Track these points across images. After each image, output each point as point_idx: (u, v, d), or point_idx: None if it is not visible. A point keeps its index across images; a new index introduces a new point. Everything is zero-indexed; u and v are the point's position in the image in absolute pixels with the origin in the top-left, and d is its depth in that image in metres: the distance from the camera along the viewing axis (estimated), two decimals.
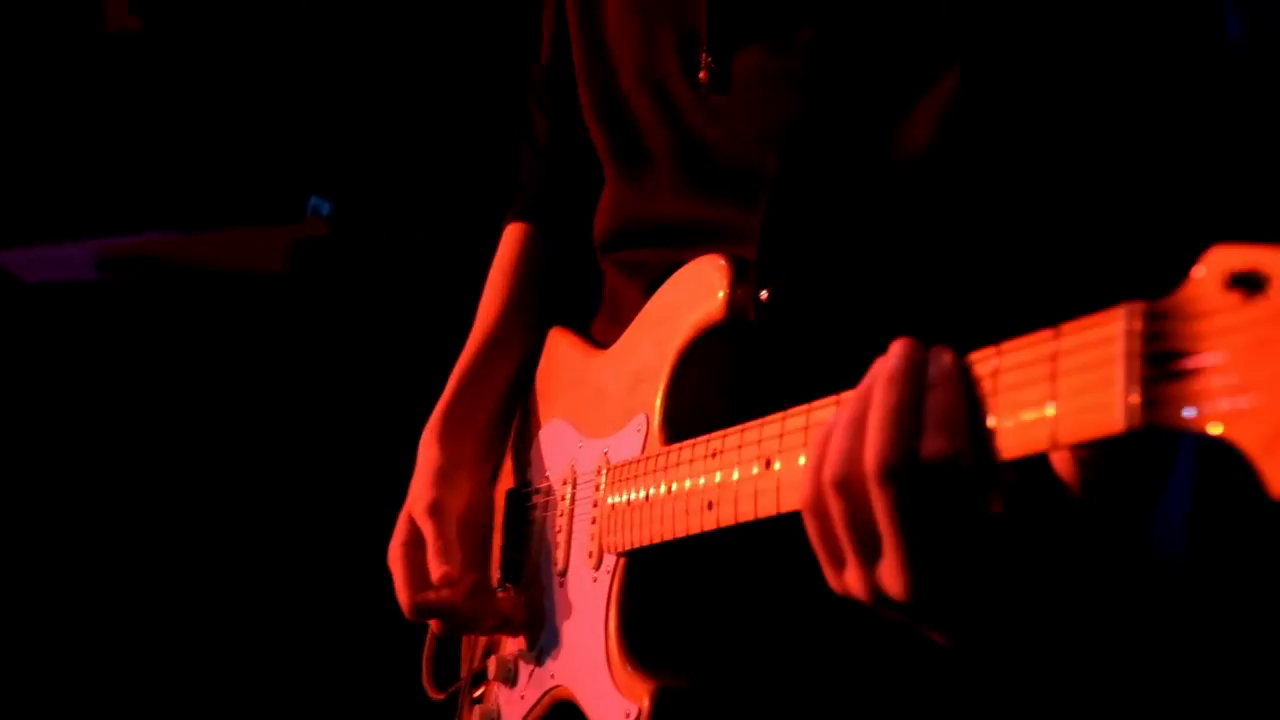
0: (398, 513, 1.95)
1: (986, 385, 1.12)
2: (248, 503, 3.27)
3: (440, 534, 1.88)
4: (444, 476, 1.94)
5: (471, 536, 1.95)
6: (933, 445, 1.11)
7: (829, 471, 1.17)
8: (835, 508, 1.17)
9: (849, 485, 1.15)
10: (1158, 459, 1.35)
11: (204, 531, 3.28)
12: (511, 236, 2.10)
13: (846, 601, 1.23)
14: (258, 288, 3.19)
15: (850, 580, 1.19)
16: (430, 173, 3.20)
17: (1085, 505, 1.28)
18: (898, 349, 1.16)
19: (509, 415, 2.02)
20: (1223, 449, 0.94)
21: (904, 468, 1.12)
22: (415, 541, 1.91)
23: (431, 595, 1.87)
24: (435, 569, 1.87)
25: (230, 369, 3.29)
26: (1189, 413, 0.96)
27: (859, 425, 1.16)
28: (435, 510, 1.89)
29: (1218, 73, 1.48)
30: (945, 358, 1.14)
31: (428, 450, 1.96)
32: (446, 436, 1.97)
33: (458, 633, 1.96)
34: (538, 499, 1.91)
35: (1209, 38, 1.48)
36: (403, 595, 1.90)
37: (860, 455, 1.15)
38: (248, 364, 3.29)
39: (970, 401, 1.12)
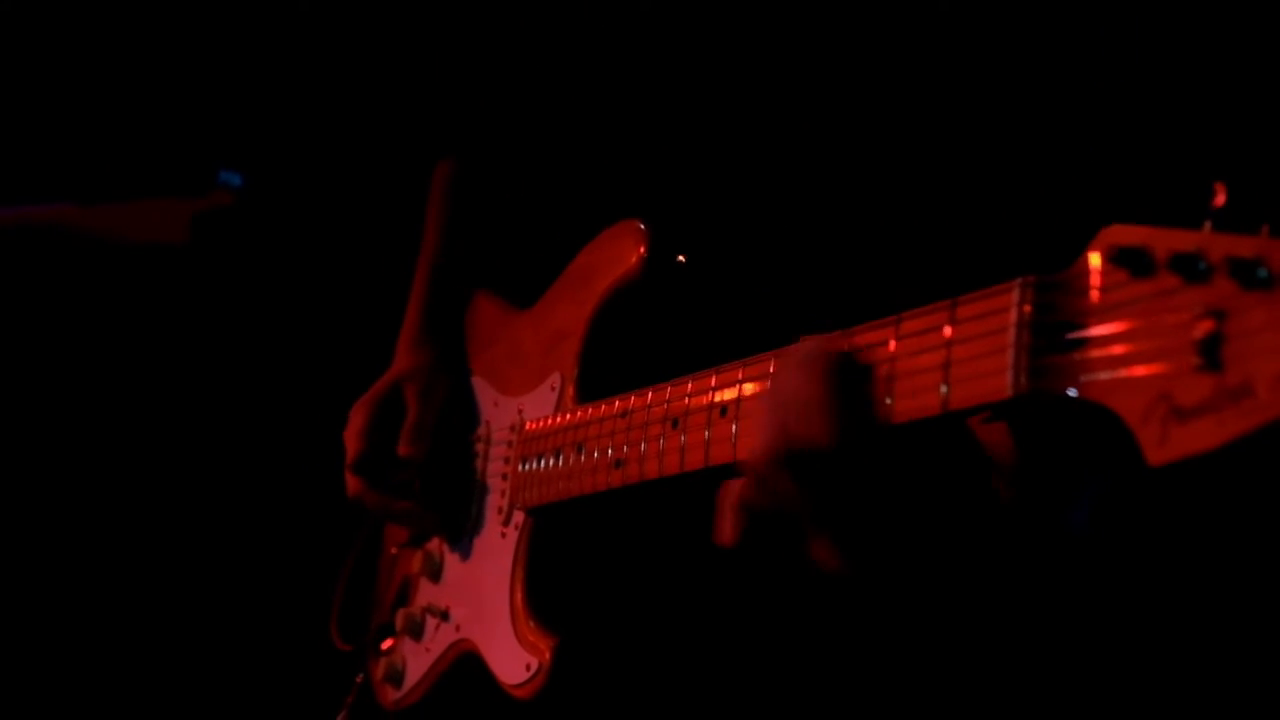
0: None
1: (883, 368, 1.16)
2: (141, 475, 3.19)
3: (421, 414, 1.87)
4: (436, 369, 1.93)
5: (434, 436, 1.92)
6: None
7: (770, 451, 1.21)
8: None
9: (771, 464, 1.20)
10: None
11: (91, 505, 3.17)
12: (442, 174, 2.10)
13: (737, 568, 1.27)
14: (158, 259, 3.10)
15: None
16: (340, 147, 3.16)
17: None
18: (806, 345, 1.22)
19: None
20: (1105, 417, 0.98)
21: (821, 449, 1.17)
22: (391, 404, 1.89)
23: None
24: (405, 444, 1.85)
25: (129, 342, 3.20)
26: (1073, 381, 1.00)
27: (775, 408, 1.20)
28: (425, 392, 1.89)
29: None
30: (840, 342, 1.19)
31: (418, 349, 1.96)
32: (430, 339, 1.97)
33: (377, 509, 1.92)
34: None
35: None
36: (355, 444, 1.86)
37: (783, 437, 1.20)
38: (147, 337, 3.20)
39: (870, 380, 1.16)
